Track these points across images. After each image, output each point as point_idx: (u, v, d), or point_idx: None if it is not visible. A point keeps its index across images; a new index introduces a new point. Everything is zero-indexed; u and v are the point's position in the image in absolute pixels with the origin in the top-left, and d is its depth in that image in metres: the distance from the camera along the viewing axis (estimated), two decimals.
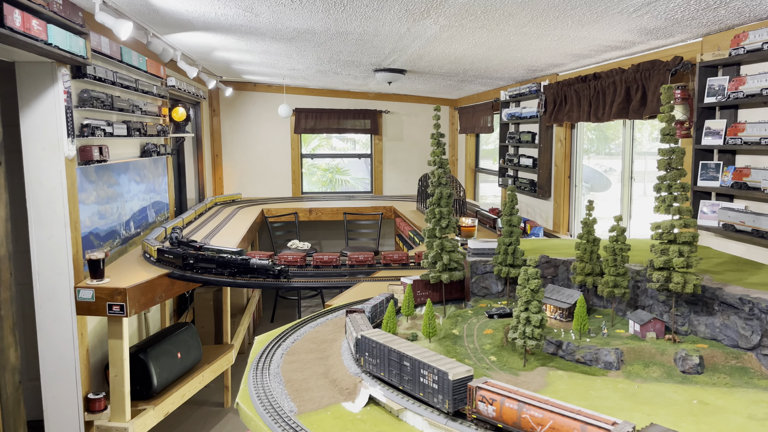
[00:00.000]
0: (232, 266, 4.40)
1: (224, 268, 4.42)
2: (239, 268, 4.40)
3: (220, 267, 4.43)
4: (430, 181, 3.24)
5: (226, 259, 4.42)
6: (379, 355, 2.36)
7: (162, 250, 4.71)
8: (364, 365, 2.47)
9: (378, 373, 2.38)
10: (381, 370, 2.36)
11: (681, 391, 2.39)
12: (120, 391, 4.19)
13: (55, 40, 3.63)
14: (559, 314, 3.09)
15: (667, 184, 2.65)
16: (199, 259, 4.47)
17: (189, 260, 4.49)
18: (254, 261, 4.37)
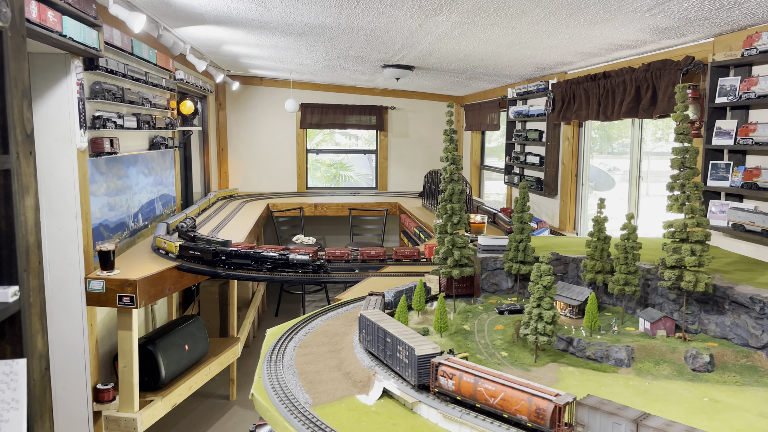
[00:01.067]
0: (271, 262, 4.39)
1: (262, 263, 4.40)
2: (279, 264, 4.39)
3: (258, 262, 4.41)
4: (442, 177, 3.26)
5: (264, 255, 4.40)
6: (371, 332, 2.56)
7: (187, 247, 4.62)
8: (362, 341, 2.67)
9: (370, 349, 2.58)
10: (373, 346, 2.56)
11: (692, 388, 2.41)
12: (129, 381, 4.22)
13: (70, 31, 3.64)
14: (568, 311, 3.11)
15: (680, 183, 2.66)
16: (232, 255, 4.43)
17: (221, 256, 4.44)
18: (293, 256, 4.37)
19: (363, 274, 4.43)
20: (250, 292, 7.63)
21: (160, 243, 4.97)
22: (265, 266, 4.41)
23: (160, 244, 4.96)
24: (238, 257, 4.45)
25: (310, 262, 4.35)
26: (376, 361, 2.50)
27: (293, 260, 4.36)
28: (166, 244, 4.86)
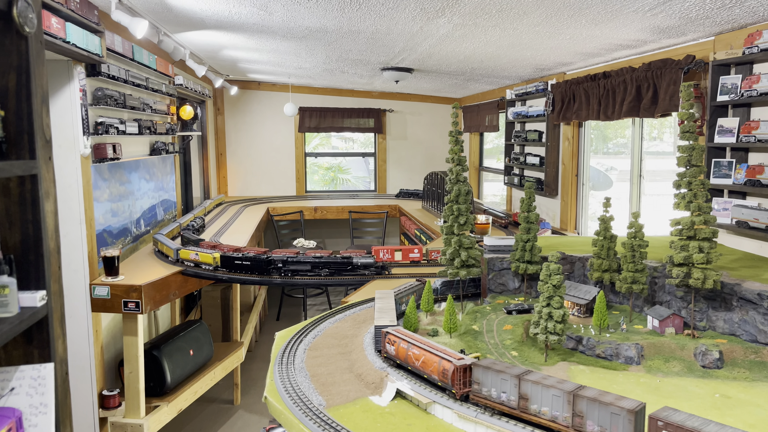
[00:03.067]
0: (331, 266, 4.40)
1: (321, 268, 4.40)
2: (341, 267, 4.40)
3: (316, 268, 4.41)
4: (448, 178, 3.27)
5: (326, 260, 4.41)
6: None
7: (231, 257, 4.52)
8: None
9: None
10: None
11: (702, 385, 2.42)
12: (135, 387, 4.21)
13: (73, 38, 3.64)
14: (576, 310, 3.12)
15: (687, 180, 2.68)
16: (289, 262, 4.42)
17: (277, 264, 4.42)
18: (357, 259, 4.39)
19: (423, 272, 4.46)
20: (252, 296, 7.62)
21: (186, 255, 4.66)
22: (324, 271, 4.41)
23: (186, 257, 4.67)
24: (295, 264, 4.43)
25: (374, 263, 4.38)
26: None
27: (357, 263, 4.38)
28: (198, 255, 4.61)
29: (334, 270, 4.39)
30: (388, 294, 3.12)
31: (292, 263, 4.42)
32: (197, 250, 4.66)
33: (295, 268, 4.42)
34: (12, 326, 1.18)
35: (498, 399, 2.06)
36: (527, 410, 1.99)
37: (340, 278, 4.41)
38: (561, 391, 1.90)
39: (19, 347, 1.33)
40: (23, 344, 1.33)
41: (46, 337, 1.31)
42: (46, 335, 1.31)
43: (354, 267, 4.38)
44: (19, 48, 1.24)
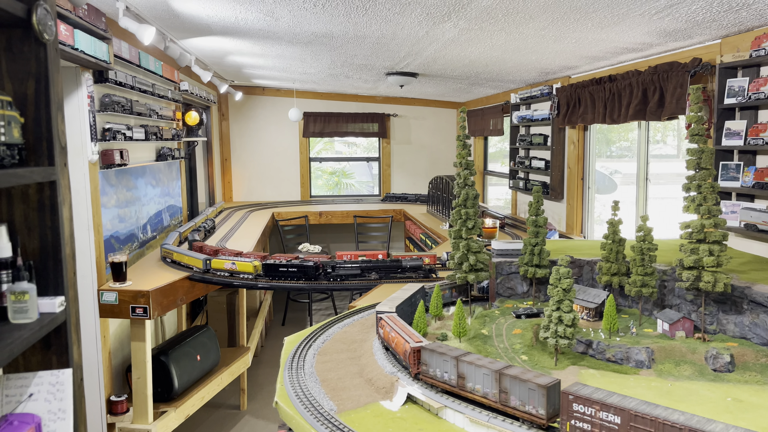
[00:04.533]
0: (381, 269, 4.41)
1: (370, 272, 4.42)
2: (389, 270, 4.41)
3: (366, 271, 4.42)
4: (455, 182, 3.27)
5: (373, 264, 4.43)
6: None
7: (275, 264, 4.48)
8: None
9: None
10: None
11: (714, 389, 2.41)
12: (143, 393, 4.21)
13: (81, 45, 3.67)
14: (585, 314, 3.11)
15: (697, 183, 2.68)
16: (338, 267, 4.42)
17: (326, 269, 4.42)
18: (407, 262, 4.43)
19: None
20: (258, 301, 7.63)
21: (220, 265, 4.57)
22: (373, 274, 4.42)
23: (220, 267, 4.57)
24: (344, 268, 4.43)
25: (422, 266, 4.42)
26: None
27: (406, 266, 4.41)
28: (236, 265, 4.53)
29: (384, 273, 4.41)
30: (413, 287, 3.24)
31: (341, 268, 4.43)
32: (234, 259, 4.58)
33: (345, 273, 4.42)
34: (32, 332, 1.18)
35: (441, 378, 2.27)
36: (464, 388, 2.18)
37: (388, 281, 4.42)
38: (490, 370, 2.08)
39: (38, 353, 1.33)
40: (41, 350, 1.33)
41: (65, 343, 1.31)
42: (64, 341, 1.31)
43: (403, 269, 4.41)
44: (38, 55, 1.25)
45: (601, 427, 1.79)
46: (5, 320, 1.26)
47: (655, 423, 1.68)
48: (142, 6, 4.11)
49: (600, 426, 1.79)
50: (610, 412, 1.78)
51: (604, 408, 1.79)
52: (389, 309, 2.87)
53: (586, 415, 1.83)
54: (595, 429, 1.81)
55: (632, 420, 1.72)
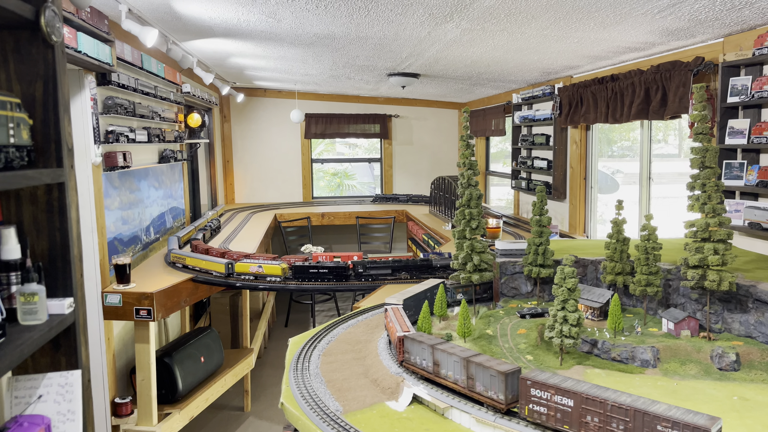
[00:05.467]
0: (411, 269, 4.43)
1: (400, 271, 4.44)
2: (420, 269, 4.43)
3: (396, 271, 4.44)
4: (459, 182, 3.27)
5: (404, 263, 4.45)
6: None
7: (305, 266, 4.44)
8: None
9: None
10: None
11: (720, 387, 2.41)
12: (147, 394, 4.22)
13: (84, 47, 3.67)
14: (590, 313, 3.11)
15: (701, 182, 2.67)
16: (369, 267, 4.44)
17: (358, 269, 4.44)
18: (436, 261, 4.46)
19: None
20: (261, 302, 7.63)
21: (245, 269, 4.54)
22: (404, 273, 4.44)
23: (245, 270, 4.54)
24: (375, 268, 4.44)
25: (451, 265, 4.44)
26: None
27: (437, 265, 4.45)
28: (263, 268, 4.49)
29: (414, 272, 4.43)
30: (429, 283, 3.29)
31: (372, 267, 4.45)
32: (260, 262, 4.54)
33: (376, 273, 4.43)
34: (42, 333, 1.18)
35: (420, 365, 2.41)
36: (439, 374, 2.32)
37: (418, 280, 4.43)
38: (459, 357, 2.21)
39: (47, 354, 1.34)
40: (50, 351, 1.33)
41: (74, 344, 1.32)
42: (73, 342, 1.31)
43: (434, 269, 4.44)
44: (45, 57, 1.26)
45: (556, 410, 1.91)
46: (15, 322, 1.26)
47: (604, 404, 1.79)
48: (145, 8, 4.11)
49: (555, 409, 1.91)
50: (564, 396, 1.88)
51: (558, 392, 1.90)
52: (396, 301, 2.95)
53: (542, 399, 1.94)
54: (551, 412, 1.92)
55: (584, 402, 1.84)
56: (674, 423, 1.63)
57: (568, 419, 1.88)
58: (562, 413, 1.90)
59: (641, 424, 1.68)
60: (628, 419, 1.73)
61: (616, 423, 1.76)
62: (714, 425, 1.62)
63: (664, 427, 1.63)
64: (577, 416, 1.86)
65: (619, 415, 1.75)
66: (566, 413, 1.89)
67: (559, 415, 1.91)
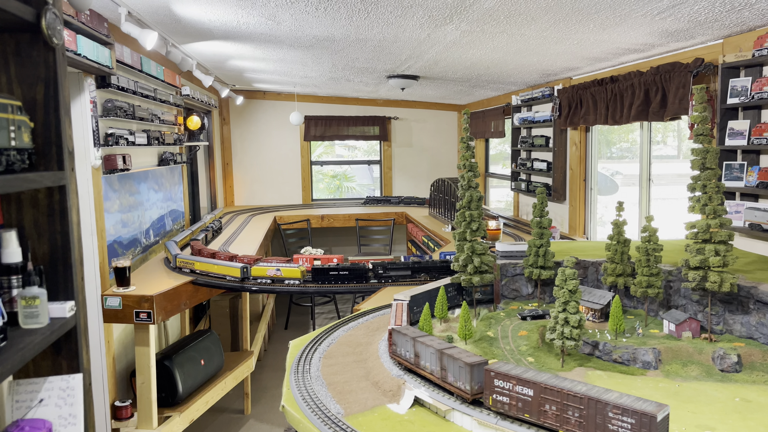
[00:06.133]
0: (431, 270, 4.44)
1: (420, 273, 4.45)
2: (440, 270, 4.43)
3: (416, 272, 4.45)
4: (459, 184, 3.27)
5: (424, 264, 4.46)
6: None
7: (325, 268, 4.43)
8: None
9: None
10: None
11: (722, 389, 2.40)
12: (147, 398, 4.21)
13: (84, 50, 3.67)
14: (591, 315, 3.11)
15: (702, 184, 2.67)
16: (389, 268, 4.44)
17: (378, 270, 4.43)
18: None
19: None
20: (261, 305, 7.62)
21: (262, 272, 4.49)
22: (423, 275, 4.44)
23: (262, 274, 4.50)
24: (395, 269, 4.43)
25: None
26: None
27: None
28: (281, 271, 4.46)
29: (434, 274, 4.43)
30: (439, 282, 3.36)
31: (392, 269, 4.45)
32: (279, 265, 4.51)
33: (396, 274, 4.43)
34: (43, 337, 1.18)
35: (404, 357, 2.52)
36: (419, 366, 2.42)
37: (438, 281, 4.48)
38: (434, 349, 2.32)
39: (48, 358, 1.33)
40: (52, 355, 1.33)
41: (75, 348, 1.31)
42: (74, 346, 1.31)
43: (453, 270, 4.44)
44: (47, 60, 1.25)
45: (517, 399, 2.01)
46: (16, 325, 1.26)
47: (561, 393, 1.89)
48: (144, 11, 4.11)
49: (517, 398, 2.02)
50: (525, 386, 1.99)
51: (519, 382, 2.01)
52: (404, 297, 3.06)
53: (505, 389, 2.05)
54: (513, 401, 2.03)
55: (542, 392, 1.94)
56: (624, 410, 1.73)
57: (529, 408, 1.99)
58: (523, 402, 2.00)
59: (594, 412, 1.79)
60: (582, 407, 1.83)
61: (572, 411, 1.86)
62: (660, 411, 1.70)
63: (614, 413, 1.74)
64: (537, 405, 1.96)
65: (575, 404, 1.85)
66: (527, 402, 1.99)
67: (521, 404, 2.01)
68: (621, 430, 1.73)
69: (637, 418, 1.71)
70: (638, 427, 1.70)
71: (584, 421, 1.83)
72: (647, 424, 1.68)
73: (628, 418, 1.72)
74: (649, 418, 1.69)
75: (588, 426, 1.82)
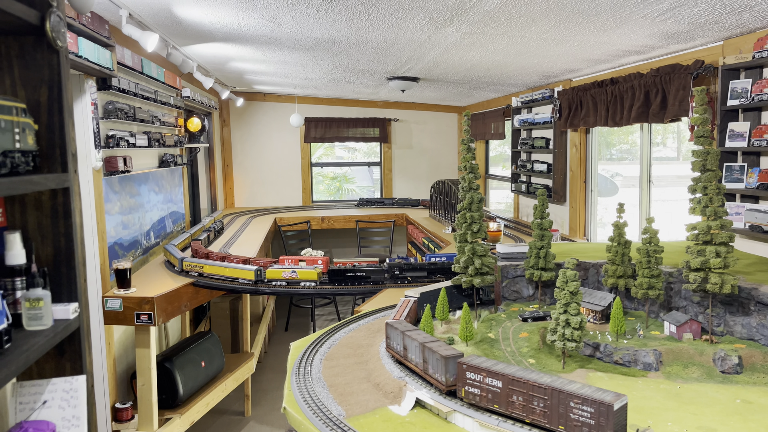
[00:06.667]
0: (448, 271, 4.44)
1: (436, 273, 4.46)
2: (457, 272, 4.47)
3: (432, 273, 4.47)
4: (460, 186, 3.27)
5: (440, 266, 4.48)
6: None
7: (342, 270, 4.46)
8: None
9: None
10: None
11: (723, 390, 2.41)
12: (148, 399, 4.20)
13: (85, 52, 3.67)
14: (592, 317, 3.11)
15: (702, 185, 2.68)
16: (405, 269, 4.45)
17: (394, 272, 4.45)
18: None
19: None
20: (261, 307, 7.62)
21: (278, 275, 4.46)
22: (439, 276, 4.45)
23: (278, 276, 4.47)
24: (412, 270, 4.44)
25: None
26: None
27: None
28: (297, 273, 4.45)
29: (452, 275, 4.41)
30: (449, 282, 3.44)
31: (409, 269, 4.45)
32: (295, 267, 4.48)
33: (413, 275, 4.44)
34: (47, 339, 1.18)
35: (396, 350, 2.63)
36: (407, 358, 2.53)
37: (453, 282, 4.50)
38: (418, 342, 2.43)
39: (51, 360, 1.33)
40: (55, 357, 1.33)
41: (78, 350, 1.31)
42: (78, 347, 1.31)
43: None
44: (50, 62, 1.26)
45: (487, 391, 2.12)
46: (20, 327, 1.26)
47: (527, 384, 2.00)
48: (145, 13, 4.12)
49: (487, 390, 2.12)
50: (494, 378, 2.09)
51: (489, 374, 2.11)
52: (414, 294, 3.19)
53: (476, 381, 2.15)
54: (483, 393, 2.13)
55: (510, 383, 2.04)
56: (584, 399, 1.84)
57: (498, 399, 2.09)
58: (493, 394, 2.10)
59: (557, 401, 1.90)
60: (546, 397, 1.94)
61: (537, 401, 1.97)
62: (617, 401, 1.81)
63: (575, 403, 1.85)
64: (505, 396, 2.07)
65: (539, 394, 1.96)
66: (496, 394, 2.09)
67: (490, 395, 2.11)
68: (581, 418, 1.84)
69: (596, 407, 1.81)
70: (596, 416, 1.80)
71: (548, 411, 1.93)
72: (605, 413, 1.78)
73: (588, 407, 1.83)
74: (606, 406, 1.79)
75: (551, 415, 1.93)
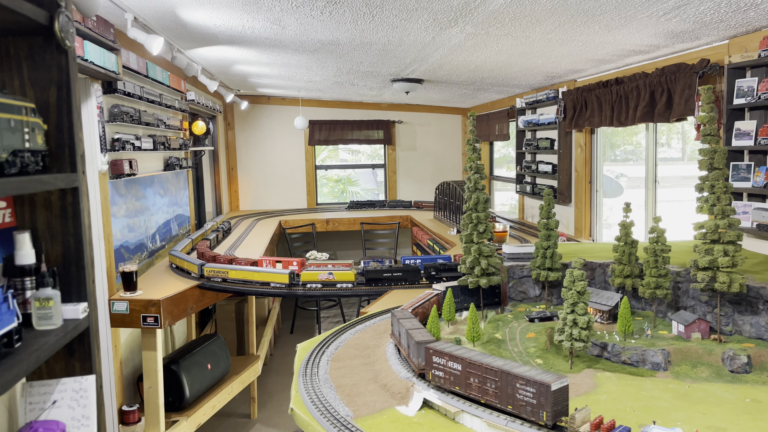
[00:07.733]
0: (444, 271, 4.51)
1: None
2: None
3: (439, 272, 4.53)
4: (466, 186, 3.27)
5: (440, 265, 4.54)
6: None
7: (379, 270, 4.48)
8: None
9: None
10: None
11: (732, 390, 2.39)
12: (154, 402, 4.21)
13: (91, 56, 3.69)
14: (599, 316, 3.10)
15: (710, 184, 2.67)
16: (440, 269, 4.49)
17: (429, 272, 4.50)
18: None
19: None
20: (266, 309, 7.62)
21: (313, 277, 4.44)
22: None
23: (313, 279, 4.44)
24: (446, 270, 4.48)
25: None
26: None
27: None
28: (333, 275, 4.44)
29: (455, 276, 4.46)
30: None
31: (443, 270, 4.51)
32: (331, 269, 4.47)
33: (448, 275, 4.47)
34: (57, 338, 1.18)
35: (396, 336, 2.82)
36: (401, 344, 2.72)
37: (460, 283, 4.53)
38: (405, 329, 2.62)
39: (61, 360, 1.33)
40: (65, 357, 1.33)
41: (88, 350, 1.31)
42: (87, 347, 1.31)
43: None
44: (59, 62, 1.26)
45: (450, 374, 2.29)
46: (30, 327, 1.26)
47: (481, 367, 2.17)
48: (150, 17, 4.13)
49: (449, 373, 2.29)
50: (455, 362, 2.26)
51: (451, 358, 2.28)
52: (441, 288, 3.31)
53: (440, 365, 2.32)
54: (447, 376, 2.30)
55: (468, 366, 2.22)
56: (527, 380, 2.02)
57: (458, 381, 2.26)
58: (454, 377, 2.27)
59: (506, 383, 2.09)
60: (497, 379, 2.11)
61: (490, 383, 2.14)
62: (556, 382, 1.97)
63: (520, 384, 2.04)
64: (464, 378, 2.23)
65: (491, 376, 2.14)
66: (456, 376, 2.26)
67: (452, 378, 2.28)
68: (525, 398, 2.03)
69: (537, 387, 1.99)
70: (537, 395, 1.98)
71: (499, 392, 2.11)
72: (544, 393, 1.96)
73: (530, 388, 2.01)
74: (545, 387, 1.96)
75: (501, 396, 2.11)
